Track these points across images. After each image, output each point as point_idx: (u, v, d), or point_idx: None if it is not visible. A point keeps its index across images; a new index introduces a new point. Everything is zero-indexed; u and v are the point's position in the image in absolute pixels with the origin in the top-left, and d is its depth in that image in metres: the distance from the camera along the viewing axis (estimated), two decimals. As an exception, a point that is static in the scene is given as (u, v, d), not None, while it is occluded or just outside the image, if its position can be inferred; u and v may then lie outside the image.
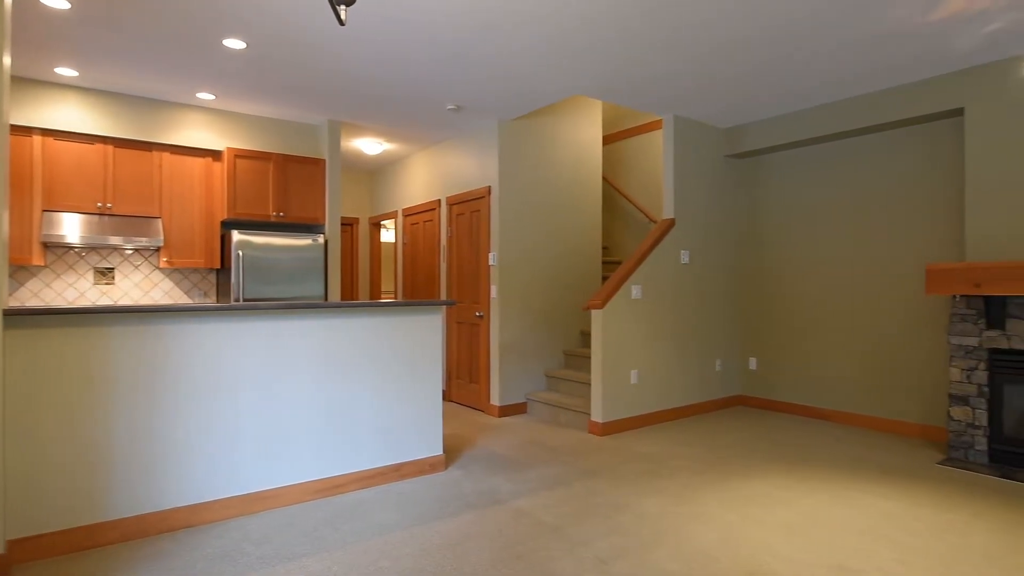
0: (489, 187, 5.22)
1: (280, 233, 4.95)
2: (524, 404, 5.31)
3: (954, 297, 3.87)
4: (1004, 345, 3.67)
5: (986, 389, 3.75)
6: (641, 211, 6.62)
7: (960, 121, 4.21)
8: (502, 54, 3.75)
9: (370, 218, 7.48)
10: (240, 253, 4.74)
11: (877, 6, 3.12)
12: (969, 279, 3.66)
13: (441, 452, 3.61)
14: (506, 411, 5.19)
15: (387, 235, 9.82)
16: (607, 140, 7.17)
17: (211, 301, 5.17)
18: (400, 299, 6.70)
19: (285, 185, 5.13)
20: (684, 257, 5.11)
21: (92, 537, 2.57)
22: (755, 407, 5.49)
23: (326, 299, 5.24)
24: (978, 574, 2.33)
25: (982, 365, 3.76)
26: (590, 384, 4.81)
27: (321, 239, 5.13)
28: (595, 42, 3.56)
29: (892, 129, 4.54)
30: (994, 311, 3.69)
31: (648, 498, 3.17)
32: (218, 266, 5.00)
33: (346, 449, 3.24)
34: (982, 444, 3.75)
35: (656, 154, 6.58)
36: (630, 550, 2.55)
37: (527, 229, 5.29)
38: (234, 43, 3.61)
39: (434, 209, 6.08)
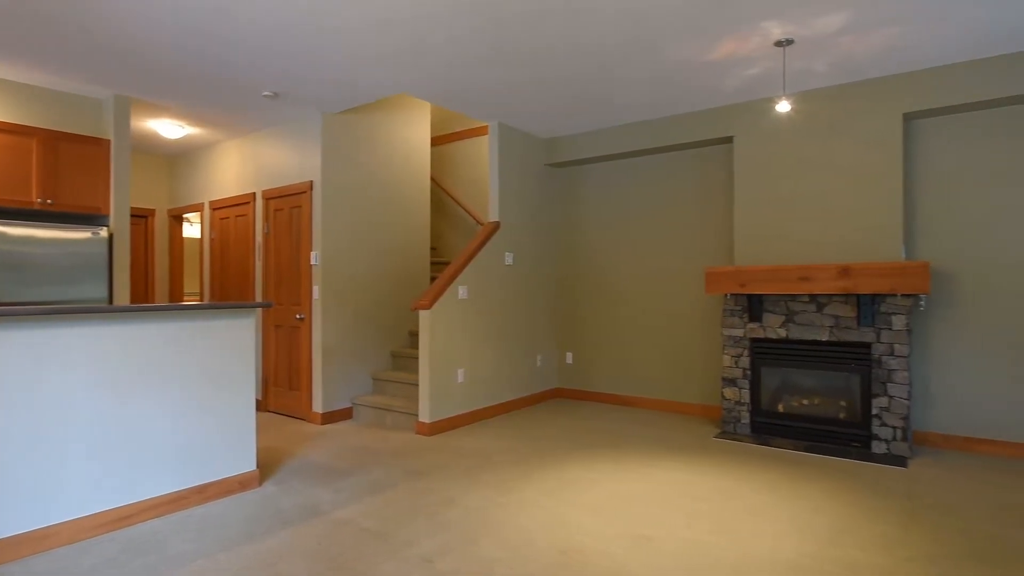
0: (311, 182, 4.94)
1: (47, 224, 4.16)
2: (350, 409, 5.12)
3: (726, 295, 4.57)
4: (761, 335, 4.43)
5: (749, 372, 4.49)
6: (469, 213, 6.78)
7: (731, 147, 4.99)
8: (324, 43, 3.57)
9: (170, 210, 6.62)
10: (-11, 247, 3.89)
11: (667, 46, 3.57)
12: (736, 280, 4.37)
13: (254, 467, 3.33)
14: (330, 418, 4.95)
15: (192, 230, 8.79)
16: (436, 142, 7.22)
17: (-55, 306, 4.16)
18: (207, 301, 6.04)
19: (55, 167, 4.32)
20: (508, 259, 5.34)
21: None
22: (572, 398, 5.94)
23: (111, 302, 4.52)
24: (745, 526, 2.78)
25: (746, 352, 4.50)
26: (417, 384, 4.80)
27: (104, 232, 4.42)
28: (421, 44, 3.56)
29: (682, 150, 5.23)
30: (754, 307, 4.44)
31: (473, 492, 3.25)
32: (-44, 262, 4.04)
33: (136, 474, 2.83)
34: (746, 418, 4.50)
35: (483, 158, 6.78)
36: (455, 545, 2.59)
37: (353, 227, 5.11)
38: (-22, -10, 2.95)
39: (248, 203, 5.58)
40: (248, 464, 3.29)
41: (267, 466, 3.74)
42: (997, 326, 3.92)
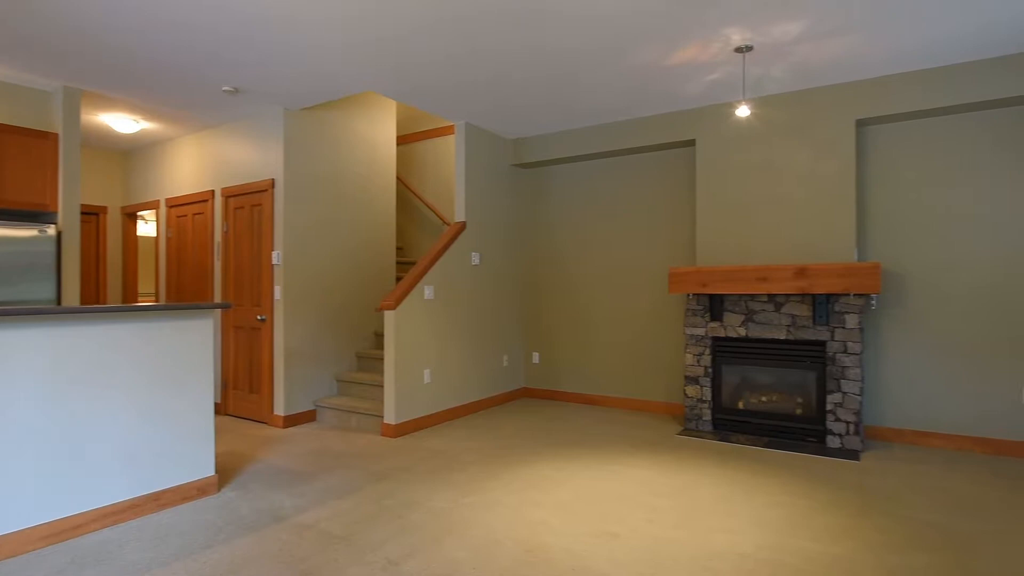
0: (273, 180, 4.83)
1: (-11, 221, 3.96)
2: (313, 412, 5.03)
3: (688, 295, 4.67)
4: (722, 334, 4.54)
5: (710, 370, 4.60)
6: (435, 213, 6.74)
7: (694, 150, 5.10)
8: (287, 38, 3.50)
9: (123, 208, 6.39)
10: (-75, 245, 3.68)
11: (631, 50, 3.62)
12: (698, 280, 4.46)
13: (213, 473, 3.24)
14: (292, 420, 4.86)
15: (147, 228, 8.52)
16: (402, 140, 7.16)
17: None
18: (163, 302, 5.86)
19: (-3, 162, 4.12)
20: (475, 259, 5.33)
21: None
22: (539, 398, 5.97)
23: (59, 303, 4.34)
24: (706, 521, 2.85)
25: (707, 351, 4.60)
26: (383, 386, 4.75)
27: (52, 230, 4.23)
28: (386, 42, 3.53)
29: (647, 152, 5.31)
30: (716, 306, 4.54)
31: (439, 494, 3.24)
32: None
33: (86, 482, 2.72)
34: (708, 415, 4.60)
35: (449, 158, 6.76)
36: (421, 547, 2.58)
37: (316, 227, 5.02)
38: (-88, -27, 2.79)
39: (207, 201, 5.43)
40: (206, 469, 3.20)
41: (226, 471, 3.65)
42: (944, 325, 4.10)
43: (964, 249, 4.05)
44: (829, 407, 4.12)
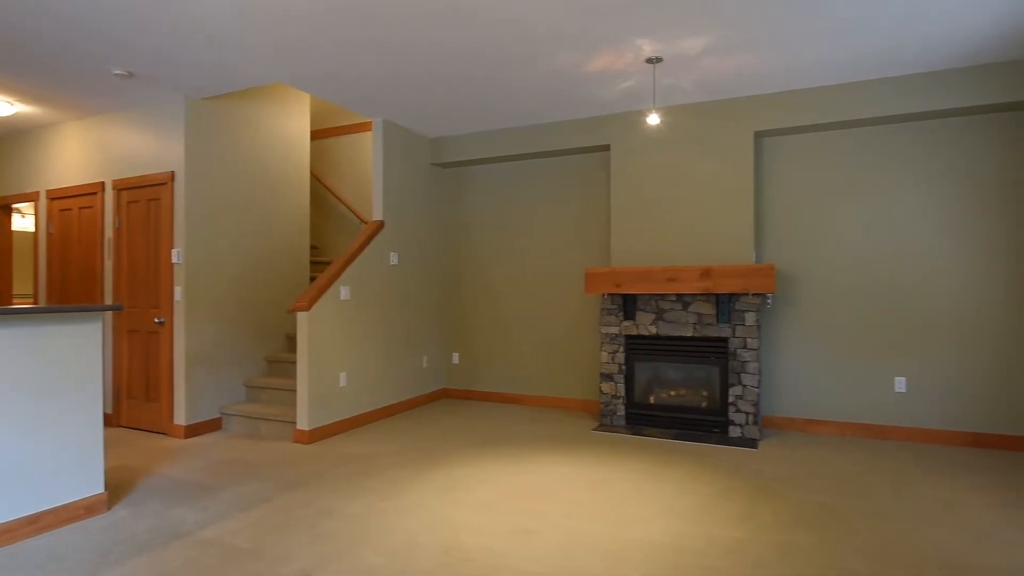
0: (172, 173, 4.51)
1: None
2: (219, 420, 4.74)
3: (603, 295, 4.82)
4: (635, 332, 4.73)
5: (624, 367, 4.77)
6: (352, 211, 6.56)
7: (609, 154, 5.27)
8: (186, 16, 3.28)
9: (-6, 199, 5.73)
10: None
11: (546, 55, 3.69)
12: (612, 281, 4.63)
13: (102, 490, 2.97)
14: (195, 430, 4.55)
15: (24, 223, 7.71)
16: (317, 135, 6.90)
17: None
18: (42, 304, 5.31)
19: None
20: (393, 259, 5.24)
21: None
22: (459, 398, 5.95)
23: (-87, 306, 3.82)
24: (620, 512, 2.95)
25: (621, 348, 4.78)
26: (296, 391, 4.56)
27: (-97, 223, 3.73)
28: (297, 31, 3.39)
29: (566, 155, 5.44)
30: (628, 306, 4.72)
31: (356, 499, 3.16)
32: None
33: (-53, 506, 2.42)
34: (622, 410, 4.77)
35: (368, 155, 6.60)
36: (335, 555, 2.50)
37: (222, 223, 4.74)
38: None
39: (96, 193, 4.98)
40: (94, 486, 2.94)
41: (119, 487, 3.36)
42: (830, 322, 4.50)
43: (848, 252, 4.46)
44: (731, 399, 4.40)
